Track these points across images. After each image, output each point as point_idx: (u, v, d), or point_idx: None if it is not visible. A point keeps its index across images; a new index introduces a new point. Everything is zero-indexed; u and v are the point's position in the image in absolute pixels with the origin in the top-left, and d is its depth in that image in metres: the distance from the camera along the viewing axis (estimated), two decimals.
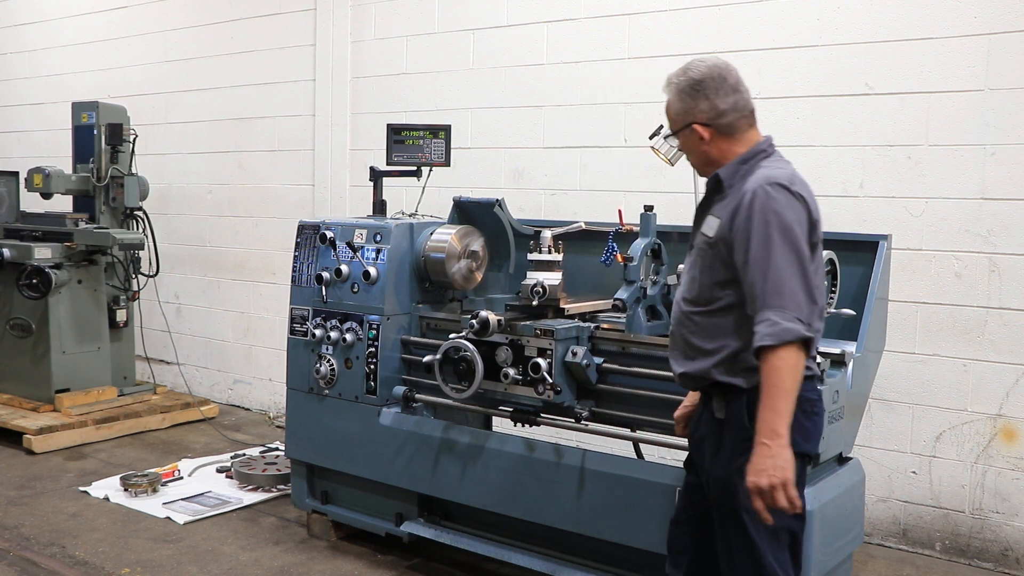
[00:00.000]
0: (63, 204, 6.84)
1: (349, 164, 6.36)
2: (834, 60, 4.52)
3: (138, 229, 6.61)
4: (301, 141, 6.59)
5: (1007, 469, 4.26)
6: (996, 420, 4.27)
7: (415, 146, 4.52)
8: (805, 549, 2.94)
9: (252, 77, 6.82)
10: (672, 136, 2.83)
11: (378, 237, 4.19)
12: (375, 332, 4.14)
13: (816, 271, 2.58)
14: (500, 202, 4.26)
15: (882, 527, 4.56)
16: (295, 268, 4.44)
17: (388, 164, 4.56)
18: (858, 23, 4.46)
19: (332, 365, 4.25)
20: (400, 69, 6.07)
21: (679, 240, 3.88)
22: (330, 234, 4.24)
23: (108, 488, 5.10)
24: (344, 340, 4.20)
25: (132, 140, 6.53)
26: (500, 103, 5.63)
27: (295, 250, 4.45)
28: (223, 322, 7.18)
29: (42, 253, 6.08)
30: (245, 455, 5.62)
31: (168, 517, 4.72)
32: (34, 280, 6.00)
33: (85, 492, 5.08)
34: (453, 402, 3.87)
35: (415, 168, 4.55)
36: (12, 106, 8.63)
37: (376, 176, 4.60)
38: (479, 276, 4.31)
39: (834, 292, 3.49)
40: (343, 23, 6.29)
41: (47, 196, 6.54)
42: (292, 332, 4.43)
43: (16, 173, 6.79)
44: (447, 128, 4.56)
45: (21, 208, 6.79)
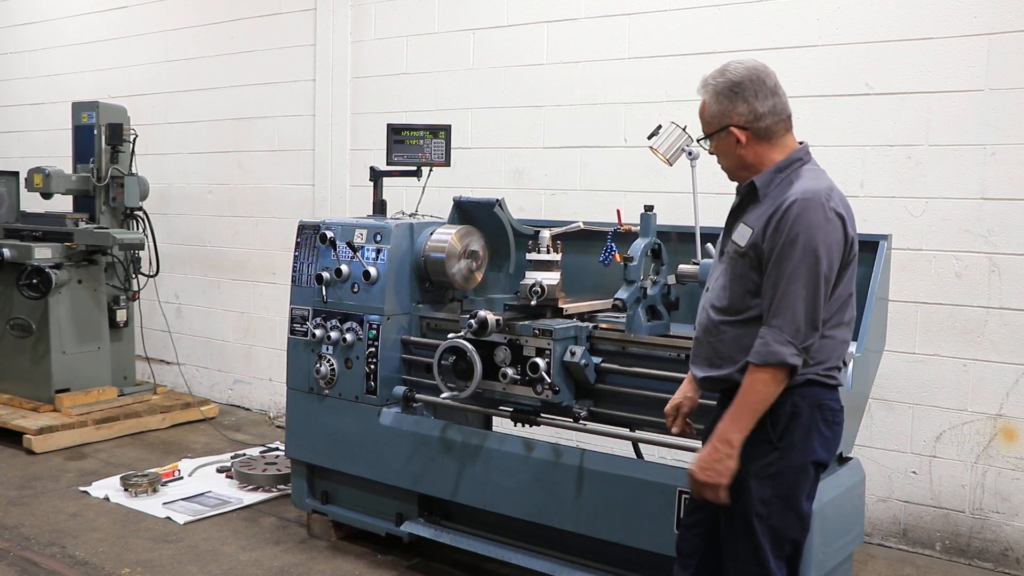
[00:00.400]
0: (63, 204, 6.84)
1: (349, 164, 6.36)
2: (834, 60, 4.52)
3: (138, 229, 6.61)
4: (301, 141, 6.59)
5: (1007, 469, 4.26)
6: (996, 420, 4.27)
7: (415, 146, 4.52)
8: (806, 549, 2.95)
9: (252, 77, 6.82)
10: (706, 139, 2.73)
11: (378, 237, 4.19)
12: (375, 332, 4.14)
13: (847, 286, 2.57)
14: (500, 202, 4.26)
15: (882, 527, 4.56)
16: (295, 268, 4.44)
17: (388, 164, 4.56)
18: (858, 23, 4.46)
19: (332, 365, 4.25)
20: (400, 69, 6.07)
21: (679, 240, 3.88)
22: (330, 234, 4.24)
23: (108, 488, 5.10)
24: (344, 340, 4.20)
25: (132, 140, 6.53)
26: (500, 103, 5.63)
27: (295, 250, 4.45)
28: (223, 322, 7.18)
29: (42, 253, 6.08)
30: (245, 455, 5.62)
31: (168, 517, 4.72)
32: (34, 280, 6.01)
33: (85, 492, 5.08)
34: (452, 402, 3.87)
35: (415, 168, 4.55)
36: (12, 106, 8.63)
37: (376, 176, 4.60)
38: (479, 276, 4.31)
39: None
40: (343, 23, 6.29)
41: (47, 196, 6.54)
42: (292, 332, 4.43)
43: (16, 173, 6.79)
44: (447, 128, 4.56)
45: (21, 208, 6.79)
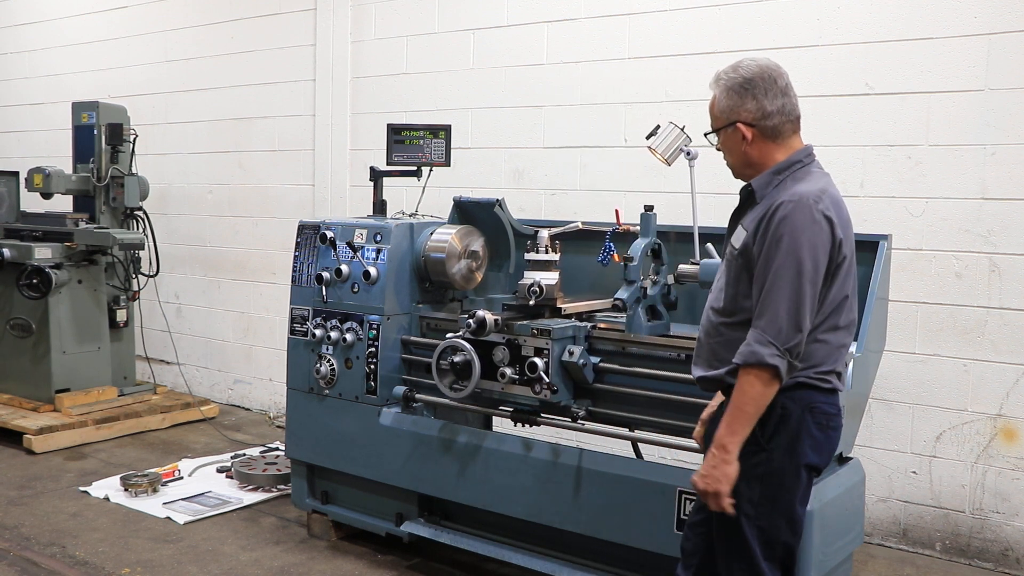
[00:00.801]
0: (63, 204, 6.84)
1: (349, 164, 6.36)
2: (834, 60, 4.52)
3: (138, 229, 6.61)
4: (301, 141, 6.59)
5: (1007, 469, 4.26)
6: (996, 420, 4.27)
7: (415, 146, 4.52)
8: (805, 549, 2.95)
9: (252, 77, 6.82)
10: (713, 133, 2.73)
11: (378, 237, 4.19)
12: (375, 332, 4.14)
13: (841, 288, 2.57)
14: (500, 202, 4.26)
15: (882, 527, 4.56)
16: (295, 268, 4.44)
17: (388, 164, 4.56)
18: (858, 23, 4.46)
19: (332, 365, 4.25)
20: (400, 69, 6.07)
21: (679, 240, 3.88)
22: (330, 234, 4.24)
23: (108, 488, 5.10)
24: (344, 340, 4.20)
25: (132, 140, 6.53)
26: (500, 103, 5.63)
27: (295, 250, 4.45)
28: (223, 322, 7.18)
29: (42, 253, 6.08)
30: (245, 455, 5.62)
31: (168, 517, 4.72)
32: (34, 280, 6.01)
33: (85, 492, 5.08)
34: (452, 402, 3.87)
35: (415, 168, 4.55)
36: (12, 106, 8.63)
37: (376, 176, 4.60)
38: (479, 276, 4.31)
39: None
40: (343, 23, 6.29)
41: (47, 196, 6.54)
42: (292, 332, 4.43)
43: (16, 173, 6.79)
44: (447, 128, 4.56)
45: (21, 208, 6.79)
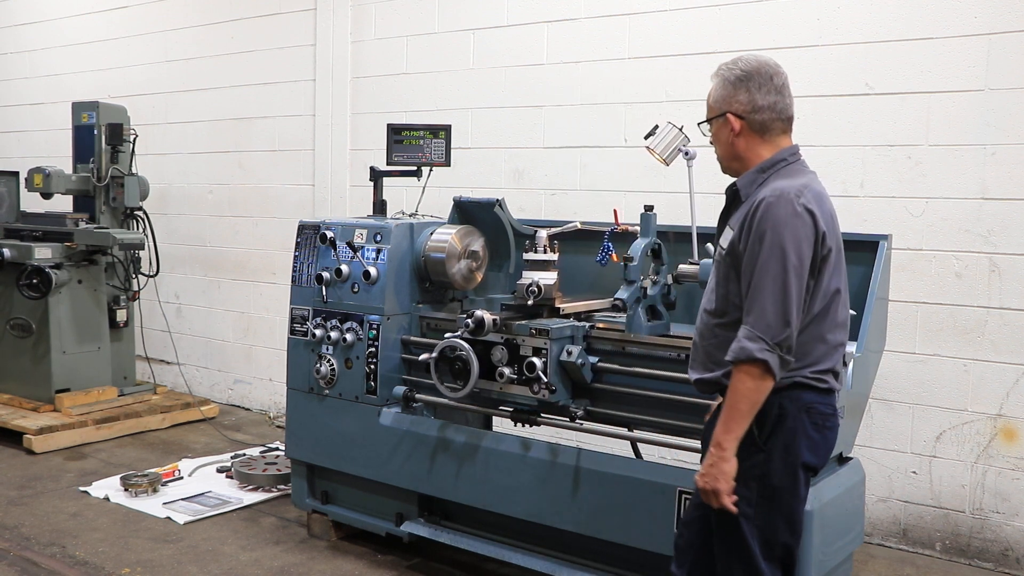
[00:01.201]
0: (63, 204, 6.84)
1: (349, 164, 6.36)
2: (834, 60, 4.52)
3: (138, 229, 6.61)
4: (301, 141, 6.59)
5: (1007, 469, 4.26)
6: (996, 420, 4.27)
7: (415, 146, 4.52)
8: (805, 549, 2.95)
9: (252, 77, 6.82)
10: (706, 122, 2.76)
11: (378, 237, 4.19)
12: (375, 332, 4.14)
13: (830, 282, 2.57)
14: (500, 202, 4.26)
15: (882, 527, 4.56)
16: (295, 268, 4.44)
17: (388, 164, 4.56)
18: (858, 23, 4.46)
19: (332, 365, 4.25)
20: (400, 69, 6.07)
21: (678, 240, 3.88)
22: (330, 234, 4.24)
23: (108, 488, 5.10)
24: (344, 340, 4.20)
25: (132, 140, 6.53)
26: (500, 103, 5.63)
27: (295, 250, 4.45)
28: (223, 322, 7.18)
29: (42, 253, 6.08)
30: (245, 455, 5.62)
31: (168, 517, 4.72)
32: (34, 280, 6.01)
33: (85, 492, 5.08)
34: (451, 401, 3.87)
35: (415, 168, 4.55)
36: (12, 106, 8.63)
37: (376, 176, 4.60)
38: (479, 276, 4.31)
39: None
40: (343, 23, 6.29)
41: (47, 196, 6.54)
42: (292, 332, 4.43)
43: (16, 173, 6.79)
44: (447, 128, 4.56)
45: (21, 208, 6.79)
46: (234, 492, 5.09)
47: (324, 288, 4.27)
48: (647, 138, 3.63)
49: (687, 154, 3.56)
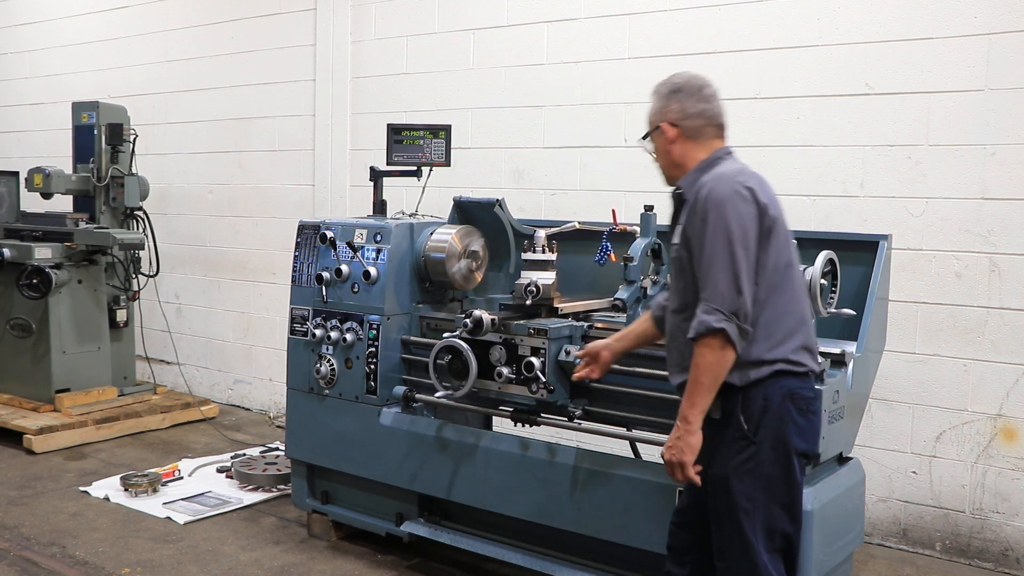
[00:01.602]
0: (63, 204, 6.84)
1: (349, 164, 6.36)
2: (834, 60, 4.52)
3: (138, 229, 6.61)
4: (301, 141, 6.59)
5: (1007, 469, 4.26)
6: (996, 420, 4.27)
7: (415, 146, 4.52)
8: (805, 549, 2.95)
9: (252, 77, 6.83)
10: (646, 137, 2.90)
11: (378, 237, 4.19)
12: (375, 332, 4.14)
13: (780, 255, 2.63)
14: (500, 202, 4.26)
15: (882, 527, 4.56)
16: (295, 268, 4.44)
17: (388, 164, 4.56)
18: (858, 23, 4.46)
19: (332, 365, 4.25)
20: (400, 69, 6.07)
21: None
22: (330, 234, 4.24)
23: (108, 488, 5.10)
24: (344, 340, 4.20)
25: (132, 140, 6.53)
26: (500, 103, 5.63)
27: (295, 250, 4.45)
28: (223, 322, 7.18)
29: (42, 253, 6.08)
30: (245, 455, 5.62)
31: (168, 517, 4.72)
32: (34, 280, 6.01)
33: (85, 492, 5.08)
34: (448, 401, 3.87)
35: (415, 168, 4.55)
36: (12, 106, 8.63)
37: (376, 176, 4.60)
38: (479, 276, 4.31)
39: (834, 292, 3.49)
40: (343, 23, 6.29)
41: (47, 196, 6.54)
42: (292, 332, 4.43)
43: (16, 173, 6.79)
44: (447, 128, 4.56)
45: (21, 208, 6.80)
46: (234, 492, 5.09)
47: (324, 288, 4.27)
48: (644, 138, 3.62)
49: None
